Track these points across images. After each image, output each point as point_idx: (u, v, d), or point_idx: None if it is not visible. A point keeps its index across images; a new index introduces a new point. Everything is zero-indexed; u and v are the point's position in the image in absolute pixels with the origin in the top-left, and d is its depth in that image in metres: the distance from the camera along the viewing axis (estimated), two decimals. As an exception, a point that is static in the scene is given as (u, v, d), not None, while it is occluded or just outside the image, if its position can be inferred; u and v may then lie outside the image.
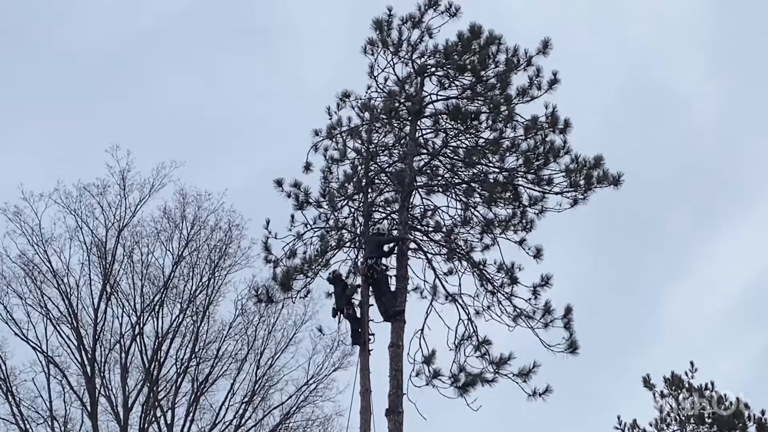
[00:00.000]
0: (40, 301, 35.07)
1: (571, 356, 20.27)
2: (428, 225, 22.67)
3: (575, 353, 20.27)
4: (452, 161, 22.54)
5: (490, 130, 21.82)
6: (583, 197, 21.06)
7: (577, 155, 21.02)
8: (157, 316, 35.75)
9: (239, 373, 36.00)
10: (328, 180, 22.54)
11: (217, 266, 36.61)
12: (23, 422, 33.75)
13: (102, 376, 34.66)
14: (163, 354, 35.49)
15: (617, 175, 20.82)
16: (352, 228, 22.51)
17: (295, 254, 22.03)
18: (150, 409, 34.69)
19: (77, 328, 34.84)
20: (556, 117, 21.24)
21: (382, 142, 23.01)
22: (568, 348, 20.24)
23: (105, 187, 36.47)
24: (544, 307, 20.59)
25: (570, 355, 20.27)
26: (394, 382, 19.79)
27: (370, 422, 19.75)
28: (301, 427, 36.41)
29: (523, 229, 21.44)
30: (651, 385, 35.67)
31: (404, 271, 21.25)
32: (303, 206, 22.27)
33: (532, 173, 21.36)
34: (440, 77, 22.76)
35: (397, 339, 20.28)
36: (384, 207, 22.91)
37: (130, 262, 36.19)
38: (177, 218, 36.77)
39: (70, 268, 35.54)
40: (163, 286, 35.96)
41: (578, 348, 20.22)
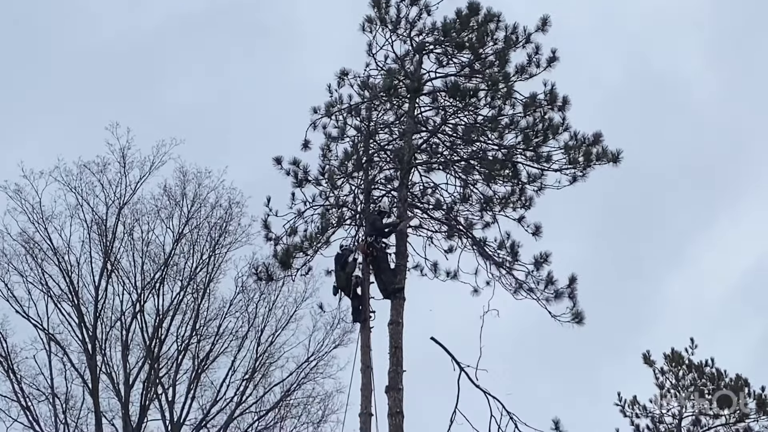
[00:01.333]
0: (40, 279, 35.14)
1: (578, 326, 20.31)
2: (428, 203, 22.68)
3: (581, 323, 20.29)
4: (451, 139, 22.52)
5: (488, 108, 21.80)
6: (582, 174, 21.04)
7: (575, 132, 20.99)
8: (157, 293, 35.80)
9: (240, 351, 36.11)
10: (327, 158, 22.54)
11: (218, 244, 36.65)
12: (24, 399, 33.86)
13: (103, 354, 34.73)
14: (163, 331, 35.54)
15: (616, 152, 20.79)
16: (353, 206, 22.53)
17: (295, 232, 22.04)
18: (151, 387, 34.76)
19: (78, 305, 34.89)
20: (554, 94, 21.19)
21: (382, 120, 23.00)
22: (573, 318, 20.27)
23: (105, 165, 36.43)
24: (546, 278, 20.63)
25: (576, 324, 20.31)
26: (393, 360, 19.83)
27: (371, 399, 19.81)
28: (302, 404, 36.54)
29: (522, 206, 21.45)
30: (651, 361, 35.85)
31: (404, 249, 21.28)
32: (302, 184, 22.26)
33: (531, 150, 21.34)
34: (438, 55, 22.72)
35: (397, 316, 20.32)
36: (384, 184, 22.91)
37: (131, 240, 36.22)
38: (177, 196, 36.78)
39: (70, 246, 35.59)
40: (164, 264, 35.98)
41: (584, 318, 20.25)
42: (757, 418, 33.65)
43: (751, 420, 33.74)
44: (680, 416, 34.85)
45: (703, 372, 34.96)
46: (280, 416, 36.29)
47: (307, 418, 36.34)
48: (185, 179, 36.90)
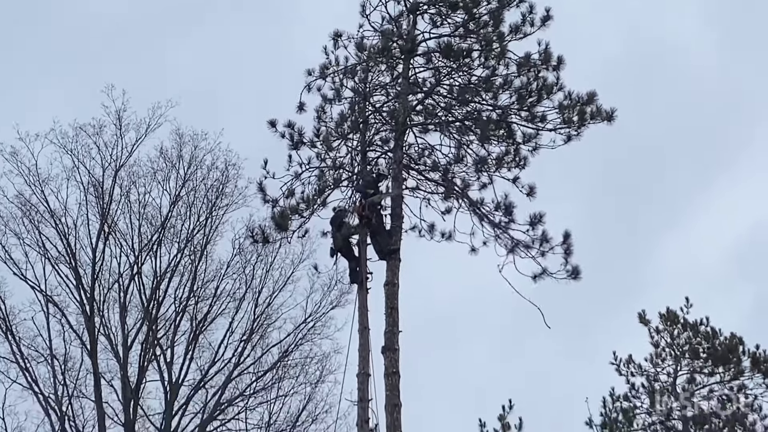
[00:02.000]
0: (38, 241, 35.24)
1: (574, 282, 20.39)
2: (424, 164, 22.70)
3: (578, 279, 20.35)
4: (446, 99, 22.51)
5: (482, 68, 21.77)
6: (576, 134, 21.03)
7: (570, 92, 20.93)
8: (155, 255, 35.92)
9: (237, 312, 36.28)
10: (323, 120, 22.53)
11: (215, 206, 36.73)
12: (23, 361, 34.03)
13: (101, 316, 34.86)
14: (161, 293, 35.70)
15: (610, 111, 20.77)
16: (349, 167, 22.55)
17: (292, 194, 22.05)
18: (149, 348, 34.94)
19: (75, 267, 34.99)
20: (549, 54, 21.13)
21: (377, 82, 22.97)
22: (569, 274, 20.36)
23: (101, 127, 36.46)
24: (541, 236, 20.68)
25: (572, 281, 20.37)
26: (390, 320, 19.90)
27: (368, 359, 19.92)
28: (300, 365, 36.72)
29: (516, 166, 21.47)
30: (646, 320, 35.98)
31: (399, 210, 21.31)
32: (297, 146, 22.24)
33: (526, 110, 21.32)
34: (432, 15, 22.60)
35: (393, 277, 20.38)
36: (380, 146, 22.92)
37: (128, 202, 36.32)
38: (173, 158, 36.85)
39: (67, 208, 35.69)
40: (161, 226, 36.08)
41: (580, 273, 20.31)
42: (751, 375, 33.84)
43: (745, 378, 33.94)
44: (675, 374, 35.05)
45: (698, 331, 35.12)
46: (277, 377, 36.51)
47: (304, 378, 36.62)
48: (181, 141, 37.00)
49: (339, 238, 21.33)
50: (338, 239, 21.34)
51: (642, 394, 35.08)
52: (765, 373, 33.51)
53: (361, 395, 19.68)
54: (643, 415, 34.99)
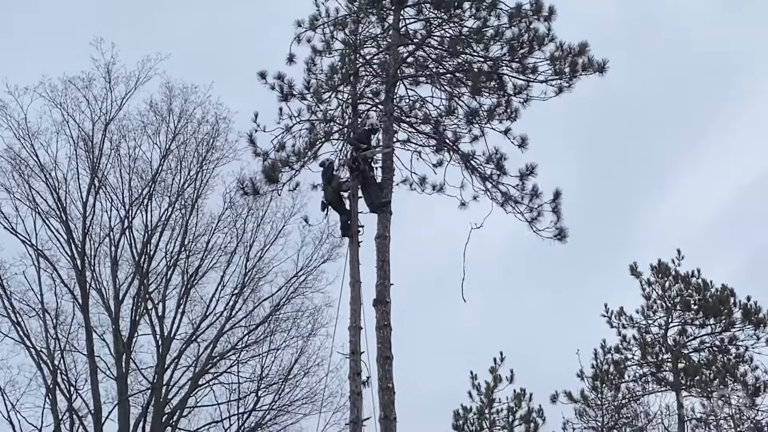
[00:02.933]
0: (28, 195, 35.03)
1: (559, 243, 20.43)
2: (415, 117, 22.61)
3: (563, 240, 20.40)
4: (437, 51, 22.37)
5: (474, 19, 21.63)
6: (568, 85, 20.93)
7: (561, 43, 20.79)
8: (145, 209, 35.77)
9: (229, 266, 36.18)
10: (313, 72, 22.40)
11: (205, 159, 36.54)
12: (15, 315, 33.93)
13: (92, 270, 34.79)
14: (152, 247, 35.60)
15: (602, 62, 20.68)
16: (340, 120, 22.46)
17: (283, 147, 21.99)
18: (141, 302, 34.91)
19: (66, 221, 34.88)
20: (540, 4, 20.93)
21: (368, 33, 22.81)
22: (557, 235, 20.36)
23: (90, 81, 36.15)
24: (531, 191, 20.65)
25: (558, 242, 20.42)
26: (381, 273, 19.95)
27: (360, 312, 19.95)
28: (291, 318, 36.75)
29: (508, 118, 21.38)
30: (638, 273, 36.09)
31: (390, 163, 21.25)
32: (287, 98, 22.16)
33: (517, 62, 21.21)
34: (424, -35, 22.49)
35: (384, 230, 20.38)
36: (371, 98, 22.81)
37: (118, 156, 36.09)
38: (164, 112, 36.60)
39: (57, 162, 35.46)
40: (151, 180, 35.93)
41: (567, 235, 20.34)
42: (742, 327, 33.98)
43: (736, 329, 34.09)
44: (666, 326, 35.20)
45: (689, 283, 35.23)
46: (269, 330, 36.55)
47: (296, 332, 36.59)
48: (171, 95, 36.71)
49: (330, 191, 21.28)
50: (329, 192, 21.29)
51: (633, 346, 35.28)
52: (756, 325, 33.67)
53: (352, 348, 19.74)
54: (634, 367, 35.22)
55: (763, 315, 33.73)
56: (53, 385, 33.35)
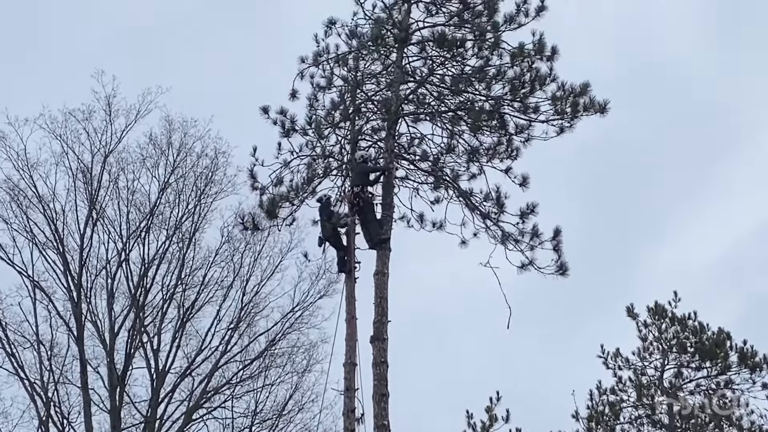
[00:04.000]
0: (25, 226, 35.00)
1: (561, 277, 20.39)
2: (415, 153, 22.66)
3: (565, 275, 20.36)
4: (439, 89, 22.45)
5: (476, 58, 21.72)
6: (569, 125, 20.99)
7: (563, 83, 20.87)
8: (143, 242, 35.76)
9: (225, 300, 36.13)
10: (315, 107, 22.48)
11: (203, 193, 36.59)
12: (9, 346, 33.80)
13: (88, 302, 34.68)
14: (149, 280, 35.53)
15: (603, 103, 20.73)
16: (339, 156, 22.50)
17: (281, 182, 22.04)
18: (136, 335, 34.80)
19: (63, 253, 34.83)
20: (543, 44, 21.06)
21: (369, 70, 22.90)
22: (558, 270, 20.34)
23: (90, 113, 36.25)
24: (531, 230, 20.65)
25: (560, 276, 20.38)
26: (379, 310, 19.90)
27: (355, 349, 19.92)
28: (287, 354, 36.67)
29: (508, 157, 21.45)
30: (634, 314, 35.95)
31: (390, 199, 21.27)
32: (289, 133, 22.23)
33: (519, 101, 21.28)
34: (427, 4, 22.59)
35: (383, 267, 20.37)
36: (371, 135, 22.87)
37: (116, 189, 36.11)
38: (163, 144, 36.68)
39: (55, 194, 35.46)
40: (149, 213, 35.93)
41: (568, 269, 20.31)
42: (738, 371, 33.86)
43: (732, 373, 33.97)
44: (662, 368, 35.07)
45: (685, 325, 35.12)
46: (264, 365, 36.45)
47: (291, 367, 36.56)
48: (171, 128, 36.83)
49: (328, 227, 21.29)
50: (327, 228, 21.30)
51: (629, 388, 35.12)
52: (752, 369, 33.54)
53: (347, 384, 19.68)
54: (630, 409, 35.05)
55: (760, 359, 33.61)
56: (46, 417, 33.17)
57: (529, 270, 20.66)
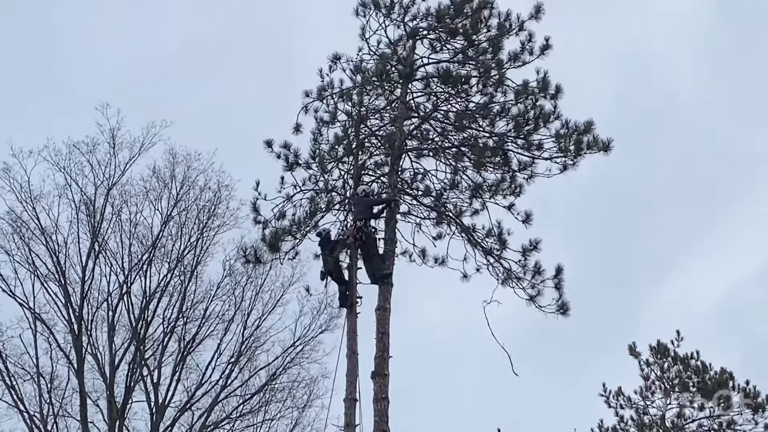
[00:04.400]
0: (27, 258, 34.99)
1: (562, 317, 20.35)
2: (418, 189, 22.66)
3: (566, 314, 20.34)
4: (442, 125, 22.49)
5: (480, 95, 21.81)
6: (572, 163, 21.02)
7: (567, 120, 20.96)
8: (144, 275, 35.71)
9: (226, 334, 36.05)
10: (318, 142, 22.50)
11: (206, 226, 36.57)
12: (9, 378, 33.72)
13: (89, 335, 34.61)
14: (150, 313, 35.46)
15: (607, 141, 20.78)
16: (342, 190, 22.49)
17: (284, 216, 22.05)
18: (136, 368, 34.70)
19: (65, 285, 34.78)
20: (547, 82, 21.15)
21: (373, 105, 22.96)
22: (559, 309, 20.30)
23: (95, 145, 36.29)
24: (533, 267, 20.63)
25: (561, 316, 20.34)
26: (380, 345, 19.84)
27: (356, 384, 19.81)
28: (287, 389, 36.56)
29: (512, 193, 21.44)
30: (637, 353, 35.84)
31: (392, 234, 21.26)
32: (293, 167, 22.26)
33: (522, 138, 21.32)
34: (432, 40, 22.70)
35: (384, 302, 20.32)
36: (374, 170, 22.88)
37: (119, 221, 36.10)
38: (166, 177, 36.70)
39: (58, 226, 35.46)
40: (152, 246, 35.90)
41: (569, 309, 20.28)
42: (740, 411, 33.71)
43: (734, 413, 33.81)
44: (665, 408, 34.93)
45: (688, 365, 35.00)
46: (264, 400, 36.33)
47: (292, 402, 36.46)
48: (174, 161, 36.86)
49: (330, 261, 21.23)
50: (329, 262, 21.24)
51: (631, 427, 34.96)
52: (755, 409, 33.40)
53: (347, 420, 19.57)
54: (632, 448, 34.89)
55: (762, 399, 33.49)
56: (45, 450, 33.07)
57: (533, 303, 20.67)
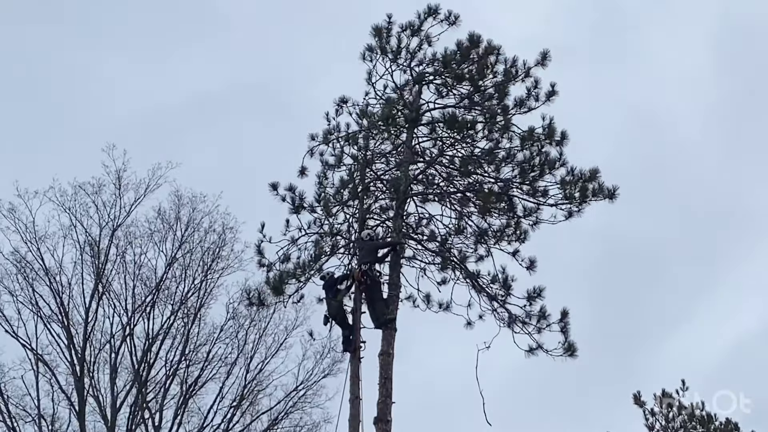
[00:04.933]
0: (31, 299, 35.01)
1: (570, 359, 20.24)
2: (423, 234, 22.61)
3: (574, 356, 20.22)
4: (448, 170, 22.49)
5: (486, 140, 21.80)
6: (578, 210, 20.99)
7: (572, 167, 20.97)
8: (148, 317, 35.70)
9: (228, 377, 36.02)
10: (323, 185, 22.49)
11: (210, 269, 36.61)
12: (10, 420, 33.62)
13: (91, 376, 34.55)
14: (152, 355, 35.40)
15: (612, 189, 20.77)
16: (347, 234, 22.46)
17: (288, 259, 21.99)
18: (138, 411, 34.58)
19: (68, 326, 34.74)
20: (553, 128, 21.18)
21: (379, 149, 22.96)
22: (566, 351, 20.19)
23: (100, 186, 36.47)
24: (539, 312, 20.56)
25: (569, 358, 20.22)
26: (383, 390, 19.70)
27: (359, 430, 19.65)
28: (289, 433, 36.36)
29: (516, 240, 21.39)
30: (641, 402, 35.65)
31: (397, 279, 21.18)
32: (298, 210, 22.21)
33: (528, 184, 21.31)
34: (438, 86, 22.74)
35: (388, 347, 20.20)
36: (379, 214, 22.86)
37: (123, 262, 36.18)
38: (171, 219, 36.80)
39: (62, 267, 35.52)
40: (155, 288, 35.89)
41: (576, 350, 20.17)
42: (746, 460, 33.47)
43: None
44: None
45: (693, 414, 34.79)
46: (266, 445, 36.12)
47: (294, 447, 36.20)
48: (180, 203, 36.97)
49: (334, 305, 21.15)
50: (333, 306, 21.17)
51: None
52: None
53: (350, 466, 19.42)
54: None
55: (768, 451, 33.30)
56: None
57: (536, 354, 20.57)
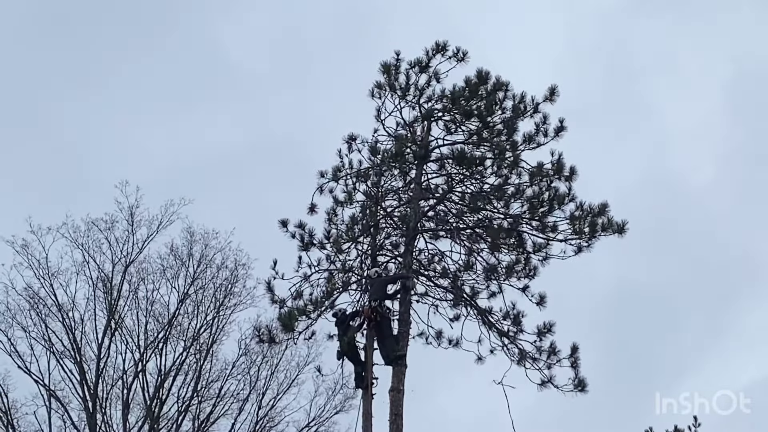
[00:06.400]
0: (44, 335, 35.05)
1: (581, 394, 20.25)
2: (434, 270, 22.64)
3: (584, 391, 20.25)
4: (458, 206, 22.53)
5: (495, 176, 21.86)
6: (587, 245, 21.03)
7: (581, 202, 21.05)
8: (160, 353, 35.69)
9: (240, 413, 35.92)
10: (333, 222, 22.55)
11: (222, 305, 36.61)
12: (24, 456, 33.66)
13: (103, 412, 34.54)
14: (165, 391, 35.37)
15: (622, 223, 20.81)
16: (359, 270, 22.49)
17: (301, 295, 22.00)
18: (150, 447, 34.55)
19: (80, 362, 34.78)
20: (561, 164, 21.26)
21: (389, 186, 23.03)
22: (576, 386, 20.21)
23: (113, 223, 36.58)
24: (549, 347, 20.58)
25: (579, 393, 20.25)
26: (393, 427, 19.70)
27: (371, 465, 19.68)
28: (301, 470, 36.27)
29: (526, 276, 21.42)
30: (654, 437, 35.41)
31: (407, 315, 21.20)
32: (308, 247, 22.26)
33: (537, 220, 21.37)
34: (447, 122, 22.82)
35: (398, 383, 20.20)
36: (390, 251, 22.89)
37: (136, 299, 36.22)
38: (184, 256, 36.85)
39: (75, 303, 35.59)
40: (168, 324, 35.91)
41: (587, 385, 20.21)
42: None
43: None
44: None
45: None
46: (278, 483, 36.03)
47: (304, 485, 36.10)
48: (192, 239, 37.02)
49: (345, 342, 21.17)
50: (344, 342, 21.18)
51: None
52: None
53: (362, 503, 19.41)
54: None
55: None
56: None
57: (548, 388, 20.60)
